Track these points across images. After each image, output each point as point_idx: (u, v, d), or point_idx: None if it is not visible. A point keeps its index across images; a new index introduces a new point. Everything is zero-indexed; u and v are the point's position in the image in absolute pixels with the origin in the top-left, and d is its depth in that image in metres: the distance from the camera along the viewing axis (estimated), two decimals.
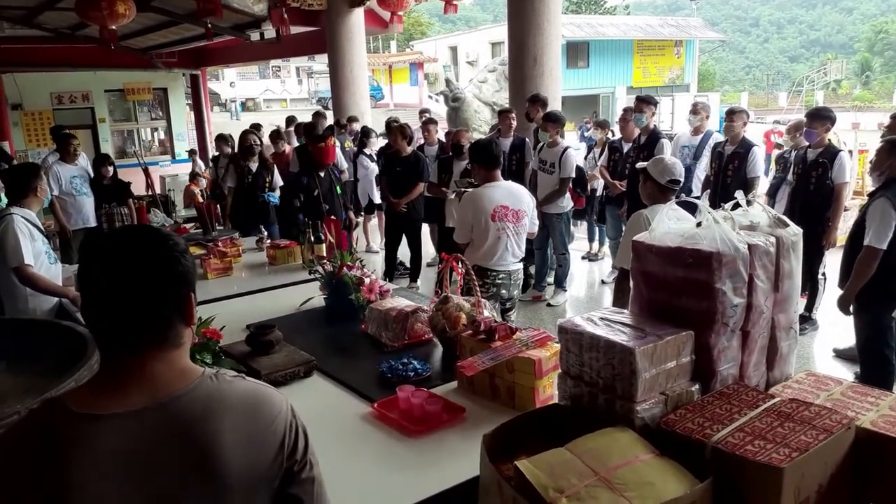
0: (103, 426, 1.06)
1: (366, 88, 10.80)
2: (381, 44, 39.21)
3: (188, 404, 1.11)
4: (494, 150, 3.99)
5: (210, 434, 1.09)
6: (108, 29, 6.46)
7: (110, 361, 1.15)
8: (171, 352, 1.16)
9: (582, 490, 1.35)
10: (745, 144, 5.77)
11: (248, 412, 1.15)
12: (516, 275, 4.08)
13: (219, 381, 1.17)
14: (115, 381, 1.12)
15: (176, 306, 1.17)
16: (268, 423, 1.17)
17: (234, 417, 1.13)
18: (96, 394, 1.11)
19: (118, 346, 1.14)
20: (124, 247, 1.16)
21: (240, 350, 2.64)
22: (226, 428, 1.11)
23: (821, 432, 1.45)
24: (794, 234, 1.76)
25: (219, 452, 1.09)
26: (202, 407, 1.11)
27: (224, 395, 1.15)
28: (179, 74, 15.10)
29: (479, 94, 15.71)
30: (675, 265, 1.64)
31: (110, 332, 1.14)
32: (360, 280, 3.12)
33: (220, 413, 1.12)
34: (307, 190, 5.32)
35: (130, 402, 1.09)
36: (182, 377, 1.14)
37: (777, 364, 1.84)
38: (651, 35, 32.75)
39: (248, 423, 1.14)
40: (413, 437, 2.06)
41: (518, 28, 7.21)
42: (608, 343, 1.59)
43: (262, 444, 1.15)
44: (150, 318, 1.14)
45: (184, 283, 1.18)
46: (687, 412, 1.55)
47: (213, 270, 4.06)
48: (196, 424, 1.10)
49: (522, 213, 3.92)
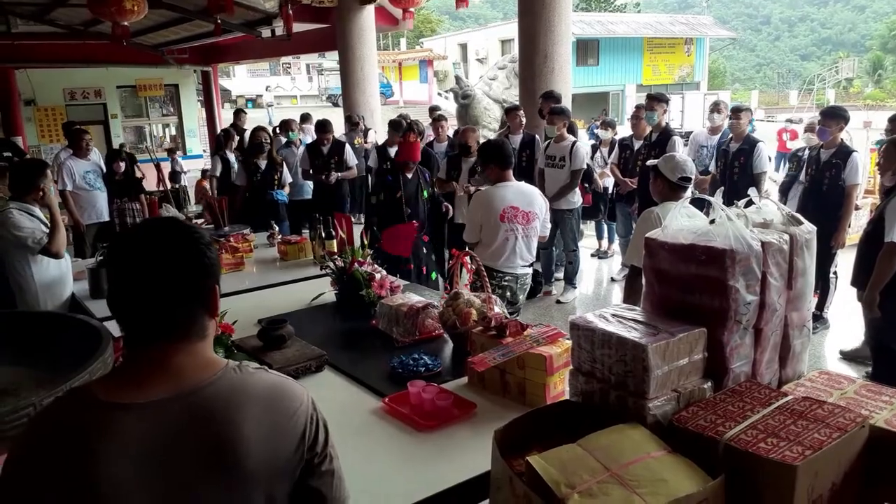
0: (128, 415, 1.08)
1: (376, 86, 10.81)
2: (391, 41, 39.23)
3: (212, 395, 1.13)
4: (506, 149, 3.94)
5: (232, 425, 1.11)
6: (121, 25, 6.50)
7: (136, 352, 1.17)
8: (196, 343, 1.18)
9: (594, 486, 1.35)
10: (750, 141, 5.78)
11: (270, 404, 1.17)
12: (524, 279, 4.01)
13: (242, 372, 1.19)
14: (141, 371, 1.14)
15: (201, 298, 1.19)
16: (289, 415, 1.18)
17: (256, 409, 1.14)
18: (122, 384, 1.13)
19: (144, 337, 1.16)
20: (151, 239, 1.18)
21: (252, 344, 2.66)
22: (248, 419, 1.12)
23: (834, 430, 1.45)
24: (808, 231, 1.76)
25: (240, 443, 1.10)
26: (225, 398, 1.13)
27: (247, 387, 1.16)
28: (191, 71, 15.18)
29: (489, 92, 15.70)
30: (688, 262, 1.64)
31: (137, 323, 1.16)
32: (370, 276, 3.13)
33: (242, 404, 1.13)
34: (389, 190, 5.03)
35: (155, 392, 1.11)
36: (206, 368, 1.16)
37: (790, 362, 1.83)
38: (661, 33, 32.61)
39: (269, 415, 1.15)
40: (424, 432, 2.07)
41: (528, 25, 7.20)
42: (620, 340, 1.58)
43: (283, 435, 1.16)
44: (177, 310, 1.16)
45: (209, 274, 1.20)
46: (699, 409, 1.55)
47: (224, 265, 4.07)
48: (219, 415, 1.11)
49: (533, 215, 3.87)
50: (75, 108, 13.59)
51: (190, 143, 15.39)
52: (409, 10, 7.42)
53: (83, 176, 6.58)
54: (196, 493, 1.09)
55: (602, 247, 8.08)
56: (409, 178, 5.04)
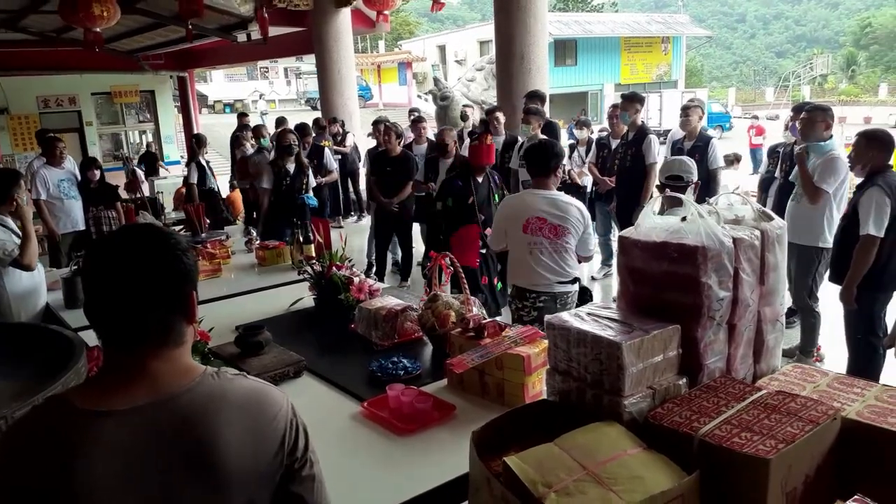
0: (106, 422, 1.08)
1: (354, 88, 10.80)
2: (370, 43, 39.18)
3: (189, 402, 1.12)
4: (545, 152, 3.60)
5: (211, 431, 1.11)
6: (93, 31, 6.43)
7: (113, 359, 1.16)
8: (174, 350, 1.17)
9: (570, 485, 1.36)
10: (704, 138, 5.85)
11: (249, 410, 1.16)
12: (566, 298, 3.55)
13: (220, 379, 1.18)
14: (119, 378, 1.13)
15: (178, 304, 1.18)
16: (269, 421, 1.18)
17: (235, 415, 1.14)
18: (100, 391, 1.12)
19: (121, 344, 1.15)
20: (127, 245, 1.17)
21: (229, 351, 2.64)
22: (227, 425, 1.12)
23: (807, 423, 1.46)
24: (779, 227, 1.77)
25: (219, 449, 1.10)
26: (203, 404, 1.13)
27: (225, 393, 1.16)
28: (167, 77, 15.06)
29: (468, 93, 15.76)
30: (661, 260, 1.65)
31: (113, 329, 1.15)
32: (349, 280, 3.12)
33: (221, 410, 1.13)
34: (460, 196, 4.63)
35: (133, 399, 1.10)
36: (184, 375, 1.16)
37: (764, 357, 1.85)
38: (638, 32, 32.92)
39: (248, 421, 1.15)
40: (403, 436, 2.07)
41: (504, 26, 7.23)
42: (595, 338, 1.59)
43: (262, 441, 1.16)
44: (153, 316, 1.15)
45: (186, 281, 1.19)
46: (674, 406, 1.56)
47: (201, 272, 4.04)
48: (197, 421, 1.11)
49: (564, 230, 3.46)
50: (49, 116, 13.42)
51: (167, 150, 15.25)
52: (384, 13, 7.41)
53: (57, 185, 6.49)
54: (176, 500, 1.09)
55: None
56: (479, 181, 4.67)
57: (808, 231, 4.56)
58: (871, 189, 3.71)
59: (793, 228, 4.67)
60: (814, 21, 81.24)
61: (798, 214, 4.63)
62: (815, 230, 4.54)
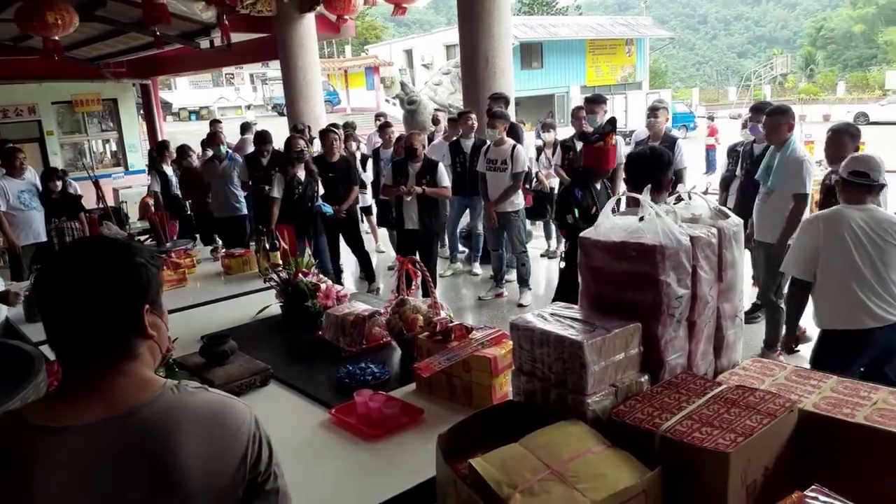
0: (62, 439, 1.06)
1: (320, 94, 10.74)
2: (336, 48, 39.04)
3: (147, 416, 1.11)
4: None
5: (170, 446, 1.09)
6: (51, 39, 6.30)
7: (69, 373, 1.15)
8: (128, 364, 1.15)
9: (535, 484, 1.37)
10: (669, 139, 5.95)
11: (209, 423, 1.15)
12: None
13: (180, 392, 1.17)
14: (74, 393, 1.12)
15: (128, 318, 1.16)
16: (230, 435, 1.17)
17: (195, 429, 1.13)
18: (56, 406, 1.11)
19: (75, 358, 1.14)
20: (74, 259, 1.16)
21: (194, 361, 2.61)
22: (186, 439, 1.11)
23: (765, 416, 1.49)
24: (735, 224, 1.81)
25: (179, 464, 1.09)
26: (162, 419, 1.11)
27: (185, 407, 1.14)
28: (129, 85, 14.79)
29: (435, 97, 15.76)
30: (621, 259, 1.68)
31: (65, 344, 1.14)
32: (315, 286, 3.10)
33: (180, 425, 1.12)
34: (582, 206, 4.09)
35: (89, 414, 1.09)
36: (142, 389, 1.14)
37: (724, 352, 1.88)
38: (602, 34, 33.29)
39: (210, 435, 1.14)
40: (372, 441, 2.06)
41: (468, 30, 7.27)
42: (558, 338, 1.61)
43: (224, 455, 1.15)
44: (106, 330, 1.13)
45: (136, 293, 1.17)
46: (637, 403, 1.58)
47: (166, 282, 3.98)
48: (155, 436, 1.09)
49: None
50: (8, 126, 13.07)
51: (132, 159, 14.96)
52: (344, 18, 7.37)
53: (17, 196, 6.36)
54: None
55: (551, 247, 8.18)
56: (598, 189, 4.15)
57: (775, 229, 4.65)
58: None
59: (761, 226, 4.78)
60: (773, 22, 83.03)
61: (766, 213, 4.73)
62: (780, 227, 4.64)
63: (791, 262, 3.21)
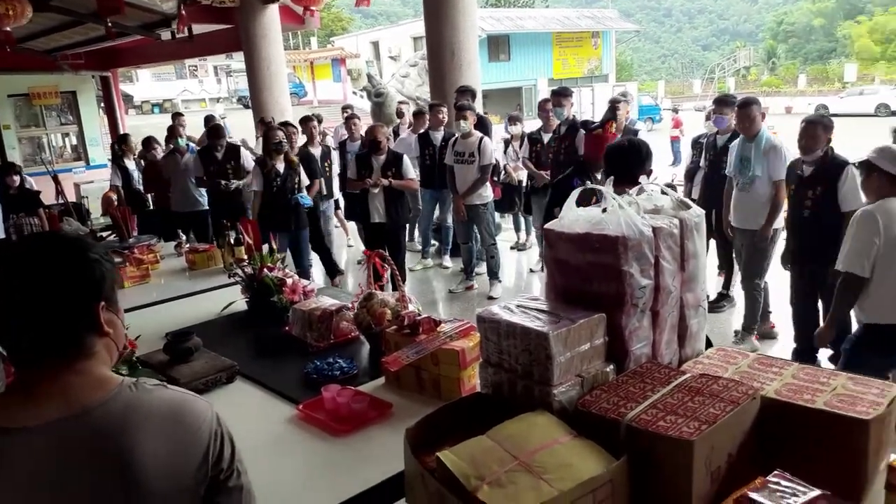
0: (16, 439, 1.04)
1: (285, 86, 10.61)
2: (301, 40, 38.62)
3: (104, 415, 1.09)
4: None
5: (128, 445, 1.08)
6: (3, 31, 6.11)
7: (23, 373, 1.13)
8: (84, 362, 1.13)
9: (502, 476, 1.37)
10: (629, 131, 6.03)
11: (169, 421, 1.14)
12: None
13: (138, 390, 1.15)
14: (29, 393, 1.10)
15: (83, 315, 1.14)
16: (191, 432, 1.15)
17: (153, 427, 1.11)
18: (10, 407, 1.09)
19: (27, 358, 1.12)
20: (25, 256, 1.13)
21: (158, 359, 2.57)
22: (145, 438, 1.09)
23: (728, 404, 1.51)
24: (697, 215, 1.83)
25: (137, 463, 1.07)
26: (119, 417, 1.10)
27: (142, 405, 1.13)
28: (89, 77, 14.43)
29: (402, 89, 15.70)
30: (585, 251, 1.68)
31: (16, 344, 1.12)
32: (281, 281, 3.07)
33: (138, 423, 1.10)
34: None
35: (44, 414, 1.07)
36: (98, 388, 1.12)
37: (688, 341, 1.90)
38: (569, 27, 33.46)
39: (169, 432, 1.13)
40: (340, 437, 2.05)
41: (434, 23, 7.25)
42: (524, 329, 1.61)
43: (184, 453, 1.14)
44: (54, 329, 1.11)
45: (90, 290, 1.15)
46: (602, 392, 1.59)
47: (129, 278, 3.92)
48: (113, 435, 1.08)
49: None
50: None
51: (93, 153, 14.61)
52: (311, 9, 7.29)
53: None
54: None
55: (520, 239, 8.23)
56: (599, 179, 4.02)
57: (758, 216, 4.75)
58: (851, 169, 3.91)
59: (741, 216, 4.88)
60: (736, 15, 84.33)
61: (745, 202, 4.83)
62: (762, 214, 4.76)
63: (851, 257, 3.14)
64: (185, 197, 7.08)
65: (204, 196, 7.07)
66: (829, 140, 4.08)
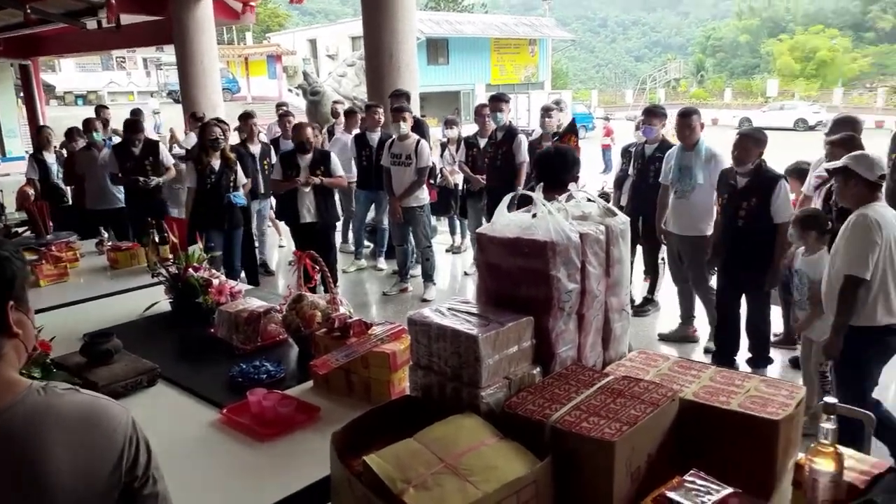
0: None
1: (218, 81, 10.38)
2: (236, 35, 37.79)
3: (10, 419, 1.05)
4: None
5: (35, 450, 1.04)
6: None
7: None
8: None
9: (429, 479, 1.37)
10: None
11: (80, 426, 1.10)
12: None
13: (47, 394, 1.11)
14: None
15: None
16: (104, 437, 1.12)
17: (63, 432, 1.08)
18: None
19: None
20: None
21: (74, 361, 2.45)
22: (55, 443, 1.06)
23: (648, 406, 1.55)
24: (623, 222, 1.88)
25: (47, 469, 1.04)
26: (27, 422, 1.06)
27: (51, 409, 1.09)
28: (7, 64, 13.78)
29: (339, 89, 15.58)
30: (515, 255, 1.71)
31: None
32: (207, 281, 2.99)
33: (47, 427, 1.07)
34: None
35: None
36: (4, 391, 1.08)
37: (612, 344, 1.95)
38: (507, 34, 33.88)
39: (80, 438, 1.09)
40: (266, 441, 2.02)
41: (372, 24, 7.24)
42: (454, 332, 1.62)
43: (97, 458, 1.11)
44: None
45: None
46: (528, 394, 1.61)
47: (45, 277, 3.75)
48: (21, 440, 1.04)
49: None
50: None
51: (10, 145, 13.96)
52: (250, 4, 7.15)
53: None
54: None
55: (455, 242, 8.27)
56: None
57: (696, 223, 4.90)
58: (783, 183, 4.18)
59: (679, 223, 5.01)
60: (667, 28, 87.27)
61: (683, 210, 4.97)
62: (703, 221, 4.92)
63: (856, 262, 3.13)
64: (101, 194, 6.75)
65: (122, 193, 6.79)
66: (760, 153, 4.26)
